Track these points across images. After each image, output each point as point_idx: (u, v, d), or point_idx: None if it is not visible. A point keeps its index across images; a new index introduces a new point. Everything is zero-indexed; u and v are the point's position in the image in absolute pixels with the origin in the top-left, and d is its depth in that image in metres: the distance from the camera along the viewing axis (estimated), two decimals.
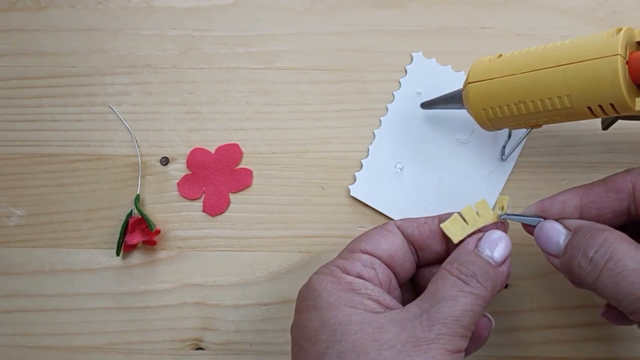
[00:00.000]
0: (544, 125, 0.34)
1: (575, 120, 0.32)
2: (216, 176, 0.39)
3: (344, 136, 0.40)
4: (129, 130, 0.40)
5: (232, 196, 0.39)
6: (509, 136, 0.37)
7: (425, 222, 0.32)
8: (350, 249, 0.31)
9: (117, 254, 0.38)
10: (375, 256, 0.30)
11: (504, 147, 0.38)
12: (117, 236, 0.38)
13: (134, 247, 0.39)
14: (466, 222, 0.31)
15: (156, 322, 0.38)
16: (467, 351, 0.29)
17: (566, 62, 0.30)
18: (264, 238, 0.39)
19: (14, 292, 0.39)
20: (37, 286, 0.39)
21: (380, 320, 0.27)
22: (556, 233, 0.29)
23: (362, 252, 0.30)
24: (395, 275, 0.31)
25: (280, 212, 0.39)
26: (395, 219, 0.35)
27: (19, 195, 0.40)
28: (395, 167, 0.39)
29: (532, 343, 0.37)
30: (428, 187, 0.38)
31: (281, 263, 0.38)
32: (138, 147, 0.40)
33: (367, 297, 0.28)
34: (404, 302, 0.29)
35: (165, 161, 0.40)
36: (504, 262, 0.29)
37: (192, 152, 0.40)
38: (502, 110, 0.33)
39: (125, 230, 0.38)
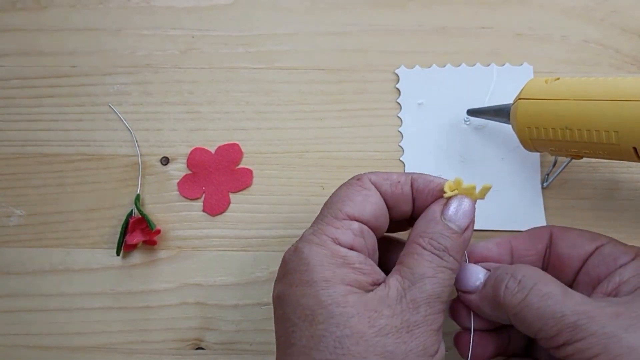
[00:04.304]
0: (584, 159, 0.34)
1: (617, 159, 0.32)
2: (216, 176, 0.39)
3: (343, 136, 0.40)
4: (129, 130, 0.40)
5: (232, 196, 0.39)
6: (554, 164, 0.37)
7: (399, 182, 0.30)
8: (335, 214, 0.29)
9: (117, 254, 0.38)
10: (362, 222, 0.29)
11: (547, 174, 0.38)
12: (117, 236, 0.38)
13: (134, 246, 0.39)
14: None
15: (156, 322, 0.38)
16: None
17: (622, 98, 0.29)
18: (264, 238, 0.39)
19: (14, 292, 0.39)
20: (37, 286, 0.39)
21: (372, 303, 0.27)
22: (475, 272, 0.30)
23: (350, 218, 0.29)
24: (375, 234, 0.30)
25: (280, 212, 0.39)
26: None
27: (19, 195, 0.40)
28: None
29: None
30: None
31: None
32: (138, 147, 0.40)
33: (360, 273, 0.28)
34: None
35: (165, 161, 0.40)
36: (467, 228, 0.29)
37: (192, 152, 0.40)
38: (546, 133, 0.33)
39: (125, 230, 0.38)
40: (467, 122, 0.39)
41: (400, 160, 0.39)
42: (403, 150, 0.39)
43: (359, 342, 0.26)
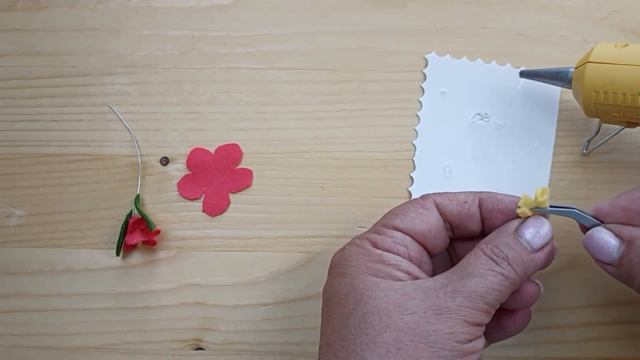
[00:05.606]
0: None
1: None
2: (216, 176, 0.39)
3: (343, 136, 0.40)
4: (129, 130, 0.40)
5: (232, 196, 0.39)
6: (597, 132, 0.37)
7: (465, 202, 0.31)
8: (384, 223, 0.31)
9: (117, 254, 0.38)
10: (408, 234, 0.31)
11: (588, 141, 0.37)
12: (117, 236, 0.38)
13: (134, 247, 0.39)
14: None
15: (156, 322, 0.38)
16: (514, 307, 0.31)
17: None
18: (264, 238, 0.39)
19: (14, 292, 0.39)
20: (37, 286, 0.39)
21: (406, 288, 0.28)
22: (607, 243, 0.30)
23: (395, 228, 0.31)
24: (427, 250, 0.32)
25: (280, 212, 0.39)
26: None
27: (19, 195, 0.40)
28: (444, 170, 0.39)
29: (533, 343, 0.37)
30: (478, 183, 0.39)
31: (281, 263, 0.38)
32: (138, 147, 0.40)
33: (396, 269, 0.29)
34: (435, 274, 0.30)
35: (165, 161, 0.40)
36: (541, 249, 0.30)
37: (192, 152, 0.40)
38: (615, 98, 0.32)
39: (125, 230, 0.38)
40: (486, 119, 0.39)
41: (403, 160, 0.39)
42: (415, 148, 0.39)
43: (382, 318, 0.27)
